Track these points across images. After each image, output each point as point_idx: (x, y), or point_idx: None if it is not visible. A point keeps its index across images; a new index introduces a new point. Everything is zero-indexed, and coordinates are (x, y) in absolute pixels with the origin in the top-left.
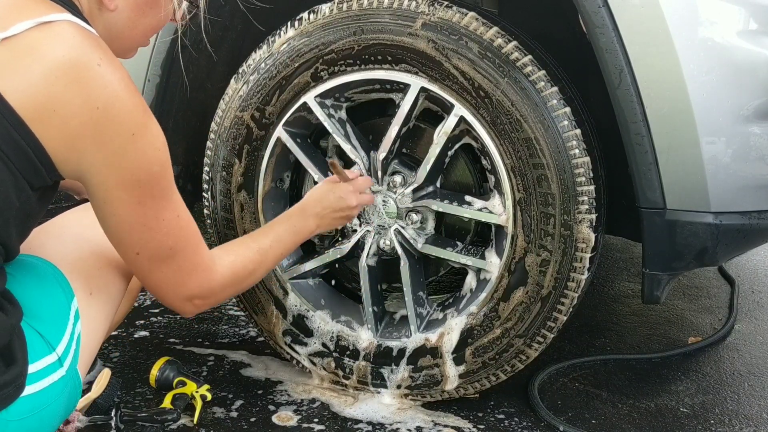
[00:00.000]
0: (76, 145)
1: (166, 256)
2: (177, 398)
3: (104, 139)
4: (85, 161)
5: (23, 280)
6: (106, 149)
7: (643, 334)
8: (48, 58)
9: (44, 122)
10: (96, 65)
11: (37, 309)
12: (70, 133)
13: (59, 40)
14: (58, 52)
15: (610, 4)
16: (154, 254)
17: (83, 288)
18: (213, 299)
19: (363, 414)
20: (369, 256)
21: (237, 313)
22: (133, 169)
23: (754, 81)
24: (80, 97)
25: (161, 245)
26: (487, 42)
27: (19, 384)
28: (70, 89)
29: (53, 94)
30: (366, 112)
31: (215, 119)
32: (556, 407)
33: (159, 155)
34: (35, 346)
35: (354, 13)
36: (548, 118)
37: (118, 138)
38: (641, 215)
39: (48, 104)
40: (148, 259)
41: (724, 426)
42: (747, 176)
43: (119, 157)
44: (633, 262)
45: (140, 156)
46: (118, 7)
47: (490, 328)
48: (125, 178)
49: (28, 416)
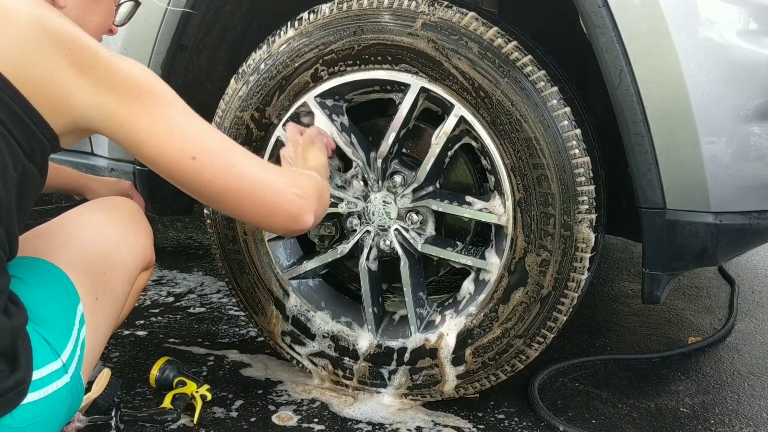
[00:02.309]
0: (62, 91)
1: (226, 149)
2: (177, 398)
3: (86, 69)
4: (79, 104)
5: (30, 283)
6: (92, 78)
7: (643, 334)
8: (15, 17)
9: (28, 78)
10: (56, 16)
11: (43, 313)
12: (53, 80)
13: (22, 0)
14: (24, 10)
15: (610, 4)
16: (214, 149)
17: (89, 292)
18: (316, 194)
19: (363, 414)
20: (369, 257)
21: (237, 313)
22: (128, 81)
23: (754, 81)
24: (50, 42)
25: (212, 140)
26: (487, 42)
27: (21, 390)
28: (41, 38)
29: (28, 49)
30: (366, 112)
31: (215, 119)
32: (556, 407)
33: (145, 68)
34: (40, 352)
35: (354, 13)
36: (548, 118)
37: (100, 63)
38: (641, 215)
39: (27, 59)
40: (209, 154)
41: (724, 426)
42: (747, 176)
43: (110, 78)
44: (633, 262)
45: (130, 69)
46: (68, 5)
47: (489, 329)
48: (125, 95)
49: (31, 423)
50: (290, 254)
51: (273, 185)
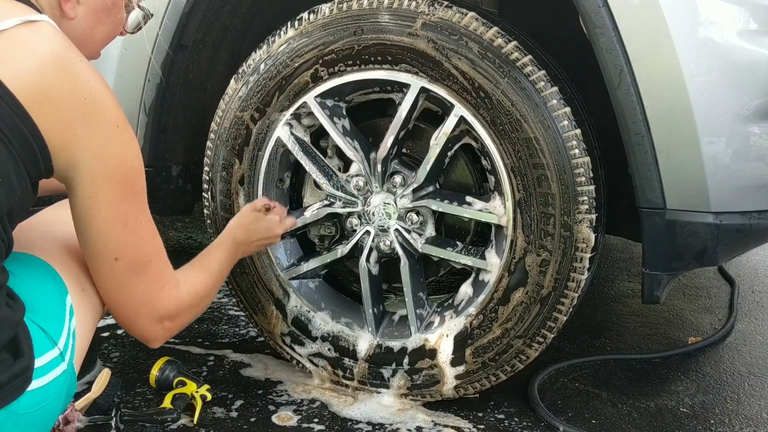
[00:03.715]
0: (68, 134)
1: (142, 264)
2: (177, 398)
3: (93, 128)
4: (76, 152)
5: (21, 277)
6: (94, 139)
7: (643, 334)
8: (38, 51)
9: (41, 109)
10: (78, 61)
11: (37, 305)
12: (63, 120)
13: (45, 37)
14: (47, 47)
15: (610, 4)
16: (132, 260)
17: (75, 284)
18: (179, 321)
19: (363, 414)
20: (369, 257)
21: (237, 313)
22: (119, 160)
23: (754, 81)
24: (68, 86)
25: (139, 250)
26: (487, 42)
27: (26, 377)
28: (60, 79)
29: (45, 83)
30: (366, 113)
31: (215, 119)
32: (556, 407)
33: (139, 153)
34: (39, 340)
35: (354, 13)
36: (548, 118)
37: (105, 128)
38: (641, 215)
39: (43, 92)
40: (126, 266)
41: (724, 426)
42: (747, 176)
43: (108, 148)
44: (633, 262)
45: (124, 148)
46: (78, 16)
47: (489, 329)
48: (112, 170)
49: (36, 410)
50: (290, 255)
51: (150, 307)
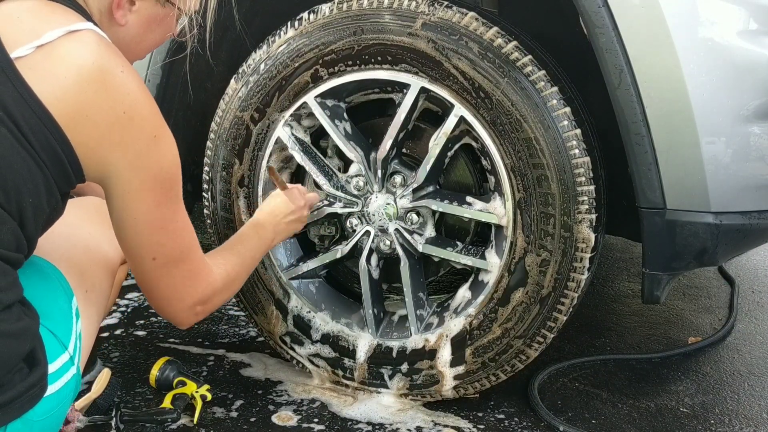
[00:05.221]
0: (103, 149)
1: (178, 259)
2: (177, 398)
3: (129, 141)
4: (110, 164)
5: (31, 279)
6: (130, 151)
7: (643, 334)
8: (78, 65)
9: (78, 127)
10: (120, 72)
11: (47, 308)
12: (99, 137)
13: (87, 48)
14: (88, 60)
15: (610, 4)
16: (169, 258)
17: (80, 286)
18: (210, 305)
19: (363, 414)
20: (369, 257)
21: (237, 313)
22: (155, 170)
23: (754, 81)
24: (108, 102)
25: (175, 248)
26: (487, 42)
27: (43, 384)
28: (100, 95)
29: (84, 100)
30: (366, 113)
31: (215, 119)
32: (556, 407)
33: (175, 158)
34: (51, 345)
35: (354, 13)
36: (548, 118)
37: (141, 140)
38: (641, 215)
39: (81, 110)
40: (164, 263)
41: (724, 426)
42: (747, 176)
43: (143, 159)
44: (633, 262)
45: (161, 157)
46: (128, 23)
47: (489, 329)
48: (147, 179)
49: (48, 416)
50: (290, 255)
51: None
